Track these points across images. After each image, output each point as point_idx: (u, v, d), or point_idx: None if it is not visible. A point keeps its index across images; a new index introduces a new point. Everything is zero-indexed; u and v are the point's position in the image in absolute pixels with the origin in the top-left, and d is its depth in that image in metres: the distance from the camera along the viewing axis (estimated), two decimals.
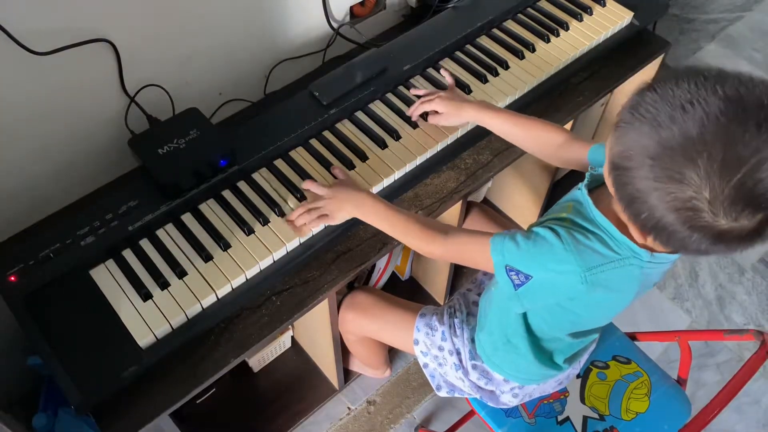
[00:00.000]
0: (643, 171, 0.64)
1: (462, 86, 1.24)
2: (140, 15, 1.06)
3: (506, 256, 0.81)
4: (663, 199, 0.63)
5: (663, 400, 1.14)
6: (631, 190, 0.66)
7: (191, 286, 0.97)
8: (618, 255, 0.76)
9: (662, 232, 0.66)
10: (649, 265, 0.77)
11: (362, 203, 0.99)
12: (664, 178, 0.62)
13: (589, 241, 0.76)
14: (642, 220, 0.67)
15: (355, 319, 1.22)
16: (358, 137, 1.17)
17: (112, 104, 1.13)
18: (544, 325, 0.94)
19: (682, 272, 1.84)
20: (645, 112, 0.63)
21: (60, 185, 1.13)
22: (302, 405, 1.52)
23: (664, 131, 0.61)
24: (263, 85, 1.33)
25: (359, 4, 1.40)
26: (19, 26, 0.92)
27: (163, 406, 0.92)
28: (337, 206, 1.01)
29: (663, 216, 0.64)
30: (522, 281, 0.80)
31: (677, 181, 0.61)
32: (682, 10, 2.56)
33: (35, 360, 1.27)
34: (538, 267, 0.79)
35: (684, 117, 0.60)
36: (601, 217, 0.77)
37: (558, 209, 0.85)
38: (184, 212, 1.05)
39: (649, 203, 0.64)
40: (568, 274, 0.76)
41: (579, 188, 0.83)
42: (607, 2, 1.41)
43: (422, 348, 1.14)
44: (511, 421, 1.12)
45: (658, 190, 0.63)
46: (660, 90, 0.63)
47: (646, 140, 0.63)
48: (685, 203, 0.61)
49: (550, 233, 0.77)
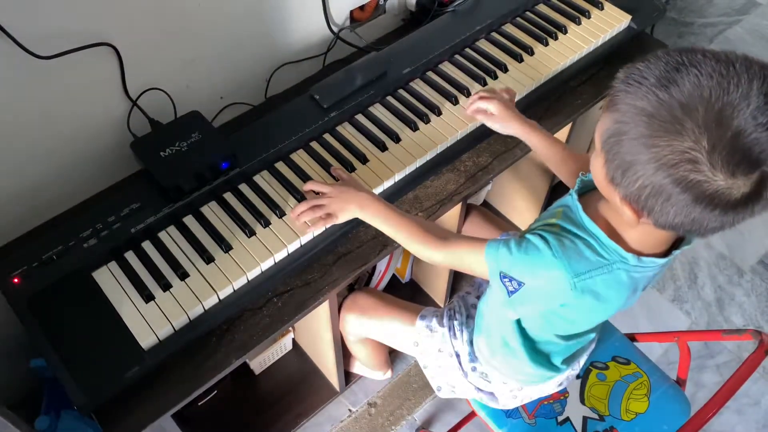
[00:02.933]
0: (639, 129, 0.63)
1: (461, 89, 1.25)
2: (143, 19, 1.07)
3: (500, 262, 0.81)
4: (659, 155, 0.62)
5: (662, 401, 1.15)
6: (624, 156, 0.65)
7: (193, 288, 0.98)
8: (606, 260, 0.76)
9: (657, 200, 0.64)
10: (636, 270, 0.77)
11: (366, 204, 0.99)
12: (661, 131, 0.61)
13: (577, 246, 0.76)
14: (636, 191, 0.65)
15: (356, 319, 1.23)
16: (358, 140, 1.18)
17: (115, 108, 1.14)
18: (537, 329, 0.94)
19: (681, 274, 1.85)
20: (639, 78, 0.64)
21: (63, 188, 1.14)
22: (303, 407, 1.53)
23: (660, 90, 0.62)
24: (264, 89, 1.34)
25: (359, 9, 1.41)
26: (23, 30, 0.93)
27: (165, 407, 0.93)
28: (340, 206, 1.01)
29: (659, 178, 0.62)
30: (515, 288, 0.80)
31: (675, 133, 0.60)
32: (680, 13, 2.57)
33: (38, 362, 1.28)
34: (529, 274, 0.79)
35: (678, 76, 0.61)
36: (590, 221, 0.77)
37: (548, 215, 0.85)
38: (185, 214, 1.06)
39: (645, 165, 0.63)
40: (557, 280, 0.76)
41: (570, 194, 0.83)
42: (606, 6, 1.42)
43: (422, 350, 1.15)
44: (511, 422, 1.12)
45: (655, 146, 0.62)
46: (651, 59, 0.64)
47: (641, 101, 0.63)
48: (684, 155, 0.60)
49: (539, 240, 0.77)
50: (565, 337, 0.95)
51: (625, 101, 0.65)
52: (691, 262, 1.87)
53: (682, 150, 0.60)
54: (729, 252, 1.90)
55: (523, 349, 0.97)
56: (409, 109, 1.22)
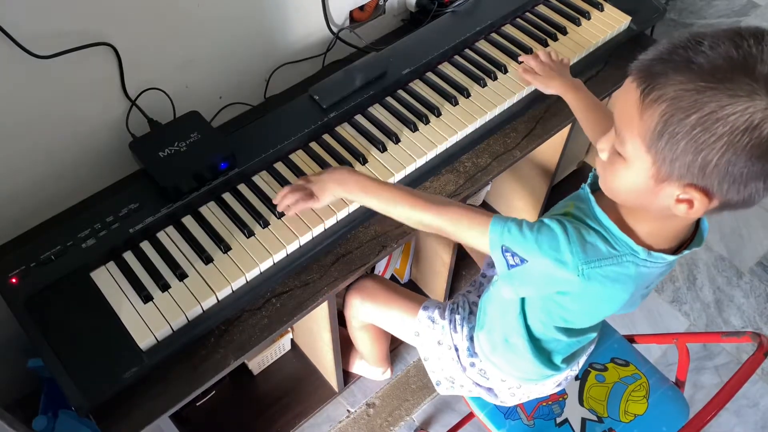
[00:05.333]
0: (702, 102, 0.61)
1: (460, 89, 1.25)
2: (142, 19, 1.07)
3: (505, 237, 0.81)
4: (732, 119, 0.60)
5: (661, 403, 1.15)
6: (689, 139, 0.62)
7: (191, 288, 0.98)
8: (616, 252, 0.77)
9: (733, 173, 0.62)
10: (645, 264, 0.78)
11: (345, 179, 0.98)
12: (726, 97, 0.60)
13: (591, 236, 0.77)
14: (711, 171, 0.63)
15: (361, 303, 1.23)
16: (357, 140, 1.18)
17: (114, 107, 1.14)
18: (540, 325, 0.94)
19: (680, 275, 1.85)
20: (676, 57, 0.63)
21: (61, 188, 1.14)
22: (302, 407, 1.52)
23: (702, 58, 0.61)
24: (263, 89, 1.34)
25: (359, 9, 1.41)
26: (22, 30, 0.92)
27: (163, 408, 0.93)
28: (320, 186, 1.00)
29: (733, 145, 0.60)
30: (516, 263, 0.81)
31: (741, 95, 0.59)
32: (680, 14, 2.57)
33: (35, 362, 1.28)
34: (537, 253, 0.79)
35: (712, 49, 0.61)
36: (602, 214, 0.79)
37: (561, 206, 0.86)
38: (184, 215, 1.06)
39: (715, 137, 0.60)
40: (565, 264, 0.77)
41: (582, 188, 0.85)
42: (606, 7, 1.42)
43: (423, 340, 1.15)
44: (510, 423, 1.12)
45: (723, 119, 0.60)
46: (678, 41, 0.64)
47: (687, 78, 0.61)
48: (754, 116, 0.59)
49: (557, 224, 0.78)
50: (567, 333, 0.94)
51: (669, 83, 0.63)
52: (690, 263, 1.87)
53: (753, 111, 0.59)
54: (728, 254, 1.90)
55: (525, 345, 0.97)
56: (409, 110, 1.22)
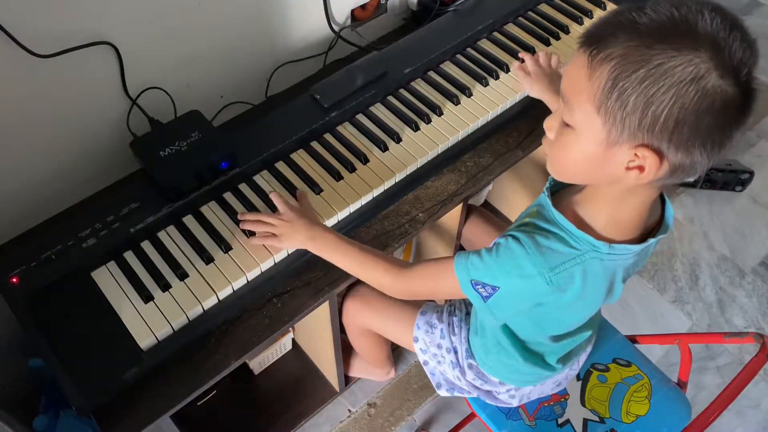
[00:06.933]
0: (649, 55, 0.62)
1: (462, 88, 1.24)
2: (142, 18, 1.06)
3: (471, 271, 0.82)
4: (678, 71, 0.61)
5: (663, 403, 1.14)
6: (638, 94, 0.63)
7: (192, 288, 0.97)
8: (578, 251, 0.77)
9: (684, 126, 0.63)
10: (609, 258, 0.77)
11: (316, 236, 0.98)
12: (671, 50, 0.61)
13: (549, 241, 0.77)
14: (661, 126, 0.63)
15: (358, 310, 1.23)
16: (359, 140, 1.17)
17: (114, 107, 1.13)
18: (524, 331, 0.95)
19: (682, 275, 1.84)
20: (621, 19, 0.64)
21: (62, 187, 1.14)
22: (303, 407, 1.52)
23: (646, 18, 0.63)
24: (264, 88, 1.34)
25: (360, 8, 1.40)
26: (22, 29, 0.92)
27: (164, 408, 0.92)
28: (288, 232, 0.98)
29: (681, 96, 0.61)
30: (489, 293, 0.81)
31: (685, 48, 0.61)
32: None
33: (36, 362, 1.27)
34: (503, 276, 0.79)
35: (655, 12, 0.63)
36: (559, 215, 0.79)
37: (524, 215, 0.86)
38: (185, 214, 1.05)
39: (664, 88, 0.61)
40: (532, 277, 0.77)
41: (543, 191, 0.85)
42: (608, 5, 1.41)
43: (422, 345, 1.15)
44: (511, 424, 1.12)
45: (669, 71, 0.61)
46: (621, 9, 0.66)
47: (634, 36, 0.63)
48: (698, 68, 0.60)
49: (511, 241, 0.78)
50: (555, 338, 0.94)
51: (614, 44, 0.64)
52: (693, 263, 1.87)
53: (698, 62, 0.60)
54: (731, 253, 1.89)
55: (515, 349, 0.97)
56: (411, 109, 1.21)
